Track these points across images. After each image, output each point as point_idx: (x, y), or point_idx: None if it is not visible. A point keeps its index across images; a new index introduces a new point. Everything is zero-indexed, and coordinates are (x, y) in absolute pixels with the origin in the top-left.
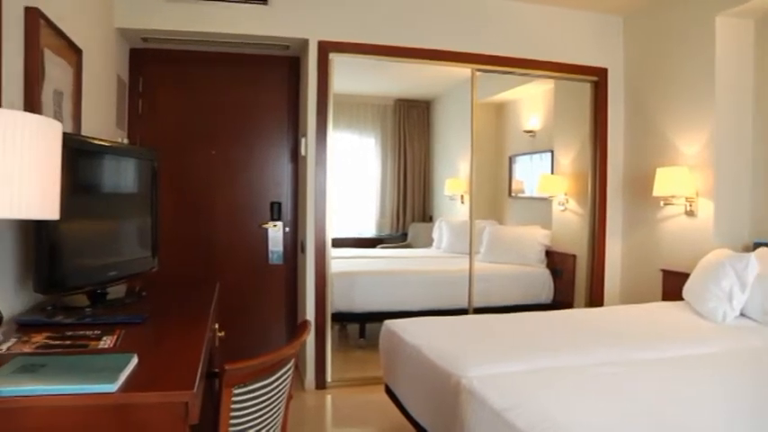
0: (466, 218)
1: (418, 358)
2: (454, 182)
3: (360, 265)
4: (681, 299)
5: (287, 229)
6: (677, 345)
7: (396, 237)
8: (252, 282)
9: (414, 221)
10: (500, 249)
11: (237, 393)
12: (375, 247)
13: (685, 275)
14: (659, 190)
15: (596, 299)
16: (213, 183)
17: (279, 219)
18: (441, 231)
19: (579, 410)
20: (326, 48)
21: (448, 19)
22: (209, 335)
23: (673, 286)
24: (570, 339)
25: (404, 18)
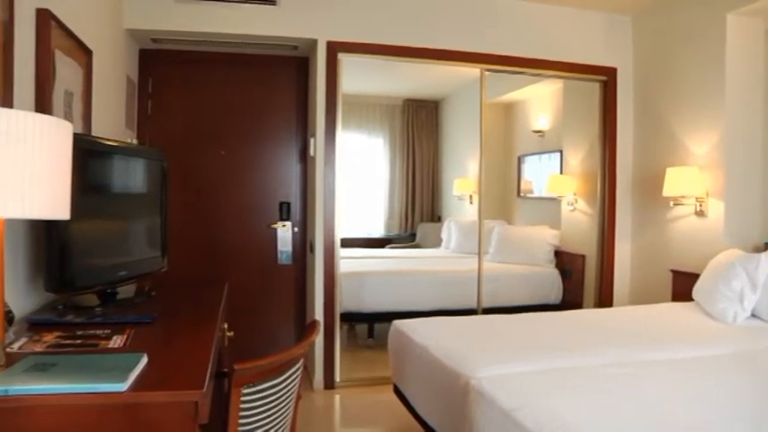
0: (475, 218)
1: (427, 358)
2: (463, 182)
3: (368, 266)
4: (691, 299)
5: (296, 230)
6: (687, 346)
7: (404, 237)
8: (261, 282)
9: (422, 221)
10: (509, 249)
11: (246, 393)
12: (384, 248)
13: (695, 276)
14: (669, 190)
15: (605, 299)
16: (222, 183)
17: (288, 219)
18: (449, 231)
19: (588, 411)
20: (335, 48)
21: (457, 19)
22: (218, 335)
23: (682, 287)
24: (579, 340)
25: (413, 18)
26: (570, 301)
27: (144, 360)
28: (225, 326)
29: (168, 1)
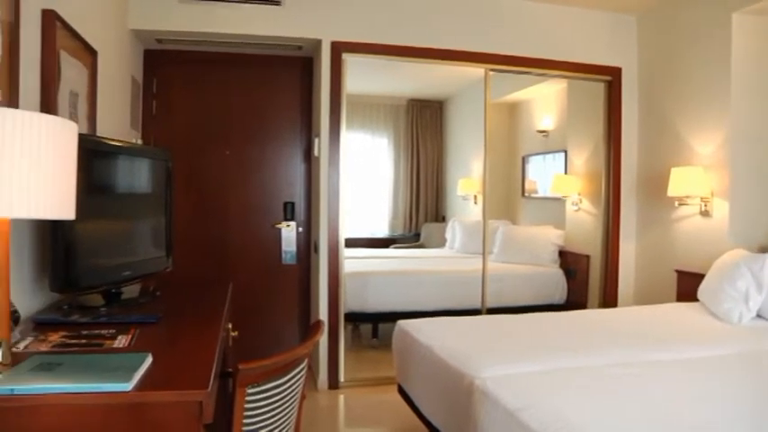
0: (479, 218)
1: (431, 358)
2: (467, 182)
3: (373, 266)
4: (696, 300)
5: (300, 230)
6: (692, 346)
7: (409, 237)
8: (265, 282)
9: (427, 221)
10: (513, 249)
11: (251, 393)
12: (388, 248)
13: (700, 276)
14: (674, 190)
15: (610, 299)
16: (227, 183)
17: (292, 219)
18: (454, 231)
19: (593, 411)
20: (339, 48)
21: (461, 19)
22: (222, 334)
23: (687, 287)
24: (584, 340)
25: (417, 18)
26: (575, 302)
27: (149, 360)
28: (229, 326)
29: (173, 1)
